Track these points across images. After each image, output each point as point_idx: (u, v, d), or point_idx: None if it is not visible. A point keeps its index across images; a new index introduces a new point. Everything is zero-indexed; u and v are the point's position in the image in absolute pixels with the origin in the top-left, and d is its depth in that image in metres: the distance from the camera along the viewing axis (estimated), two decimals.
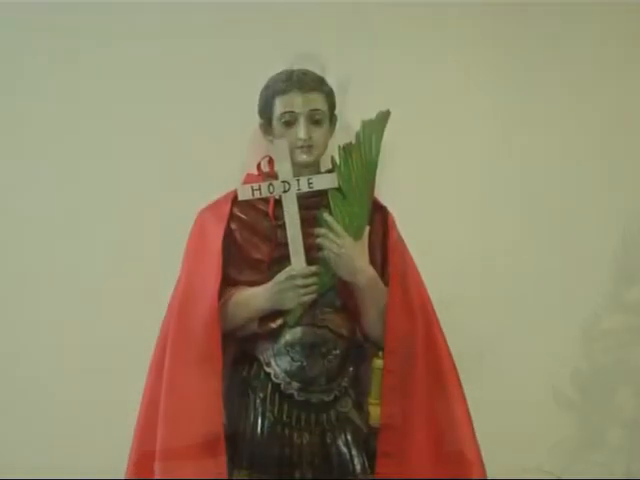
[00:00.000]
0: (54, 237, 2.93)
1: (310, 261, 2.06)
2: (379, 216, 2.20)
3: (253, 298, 2.09)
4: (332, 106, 2.18)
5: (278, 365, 2.11)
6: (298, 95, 2.10)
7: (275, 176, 2.10)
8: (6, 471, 2.77)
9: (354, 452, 2.11)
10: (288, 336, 2.11)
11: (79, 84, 2.96)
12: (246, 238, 2.15)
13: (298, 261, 2.05)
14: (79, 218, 2.95)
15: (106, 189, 2.96)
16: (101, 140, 2.96)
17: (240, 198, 2.09)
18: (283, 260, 2.07)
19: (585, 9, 3.12)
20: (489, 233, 3.10)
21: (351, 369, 2.16)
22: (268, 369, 2.11)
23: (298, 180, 2.05)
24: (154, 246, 2.88)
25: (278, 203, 2.08)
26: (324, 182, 2.08)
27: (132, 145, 2.95)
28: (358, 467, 2.10)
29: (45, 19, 2.95)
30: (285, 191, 2.05)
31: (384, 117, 2.10)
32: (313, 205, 2.10)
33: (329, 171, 2.12)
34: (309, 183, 2.06)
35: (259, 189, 2.06)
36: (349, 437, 2.11)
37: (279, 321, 2.10)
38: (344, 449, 2.10)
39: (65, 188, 2.96)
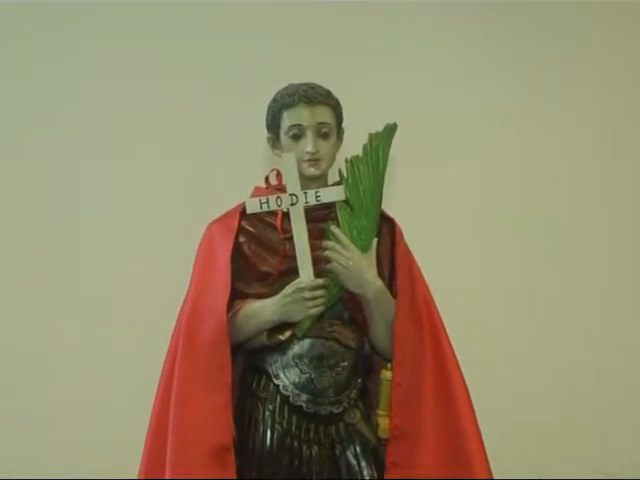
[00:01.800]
0: (60, 245, 2.95)
1: (318, 273, 2.06)
2: (387, 228, 2.20)
3: (261, 310, 2.09)
4: (339, 119, 2.18)
5: (287, 377, 2.11)
6: (305, 108, 2.10)
7: (283, 189, 2.10)
8: (6, 471, 2.79)
9: (363, 464, 2.11)
10: (296, 348, 2.11)
11: (85, 89, 2.98)
12: (254, 251, 2.15)
13: (306, 273, 2.05)
14: (86, 230, 2.97)
15: (115, 202, 2.98)
16: (109, 153, 2.99)
17: (248, 211, 2.10)
18: (291, 273, 2.08)
19: (587, 8, 3.14)
20: (494, 243, 3.12)
21: (359, 381, 2.16)
22: (277, 381, 2.11)
23: (306, 193, 2.06)
24: (163, 259, 2.90)
25: (286, 216, 2.09)
26: (332, 195, 2.09)
27: (142, 159, 2.97)
28: (367, 479, 2.10)
29: (49, 20, 2.97)
30: (293, 204, 2.06)
31: (391, 129, 2.10)
32: (321, 218, 2.11)
33: (337, 184, 2.13)
34: (317, 196, 2.07)
35: (267, 202, 2.07)
36: (358, 449, 2.11)
37: (287, 333, 2.10)
38: (353, 461, 2.10)
39: (73, 199, 2.98)
